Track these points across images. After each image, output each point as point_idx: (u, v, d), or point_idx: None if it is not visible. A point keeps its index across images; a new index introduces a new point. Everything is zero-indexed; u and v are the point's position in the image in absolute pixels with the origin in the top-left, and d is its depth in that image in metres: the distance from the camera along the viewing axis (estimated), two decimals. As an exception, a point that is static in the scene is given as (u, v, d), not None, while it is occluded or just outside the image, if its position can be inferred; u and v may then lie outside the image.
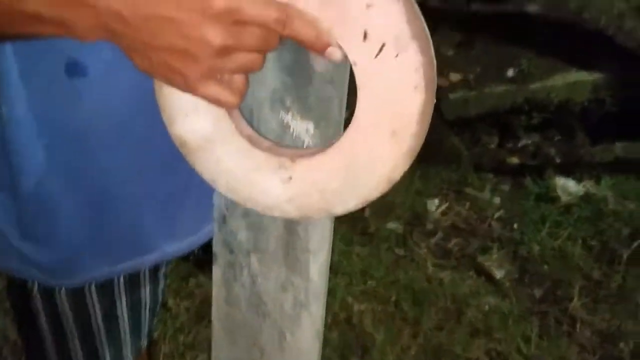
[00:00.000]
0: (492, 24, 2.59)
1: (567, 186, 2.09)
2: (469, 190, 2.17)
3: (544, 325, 1.77)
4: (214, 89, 0.49)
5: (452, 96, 2.39)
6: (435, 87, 0.49)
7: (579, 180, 2.13)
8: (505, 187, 2.20)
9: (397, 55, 0.47)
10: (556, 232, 1.98)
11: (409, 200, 2.08)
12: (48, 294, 0.83)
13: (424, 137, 0.51)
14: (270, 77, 0.56)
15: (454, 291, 1.85)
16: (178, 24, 0.46)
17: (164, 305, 1.64)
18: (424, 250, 1.98)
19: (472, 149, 2.38)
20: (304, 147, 0.57)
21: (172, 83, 0.51)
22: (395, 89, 0.48)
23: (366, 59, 0.48)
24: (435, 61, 0.48)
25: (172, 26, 0.46)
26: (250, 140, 0.56)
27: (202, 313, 1.71)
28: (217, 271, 0.73)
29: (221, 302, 0.75)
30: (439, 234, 2.04)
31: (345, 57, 0.49)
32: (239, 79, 0.50)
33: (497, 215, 2.10)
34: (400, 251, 1.96)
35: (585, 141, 2.35)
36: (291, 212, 0.57)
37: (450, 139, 2.32)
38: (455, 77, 2.44)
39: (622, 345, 1.72)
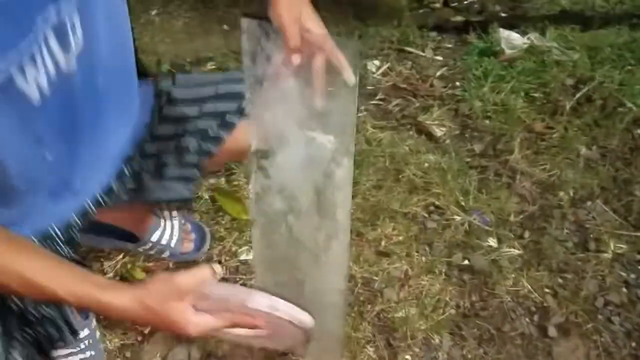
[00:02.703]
0: None
1: (512, 39, 1.99)
2: (410, 49, 2.07)
3: (483, 178, 1.72)
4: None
5: (393, -48, 2.24)
6: None
7: (523, 33, 2.04)
8: (449, 45, 2.11)
9: None
10: (499, 86, 1.91)
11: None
12: None
13: None
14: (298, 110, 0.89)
15: (393, 150, 1.78)
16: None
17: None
18: (363, 113, 1.90)
19: (416, 9, 2.26)
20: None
21: None
22: None
23: None
24: None
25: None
26: None
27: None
28: (256, 231, 0.98)
29: (261, 248, 1.01)
30: (379, 95, 1.95)
31: None
32: None
33: (439, 73, 2.01)
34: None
35: (531, -5, 2.24)
36: None
37: (391, -3, 2.19)
38: None
39: (561, 194, 1.68)
